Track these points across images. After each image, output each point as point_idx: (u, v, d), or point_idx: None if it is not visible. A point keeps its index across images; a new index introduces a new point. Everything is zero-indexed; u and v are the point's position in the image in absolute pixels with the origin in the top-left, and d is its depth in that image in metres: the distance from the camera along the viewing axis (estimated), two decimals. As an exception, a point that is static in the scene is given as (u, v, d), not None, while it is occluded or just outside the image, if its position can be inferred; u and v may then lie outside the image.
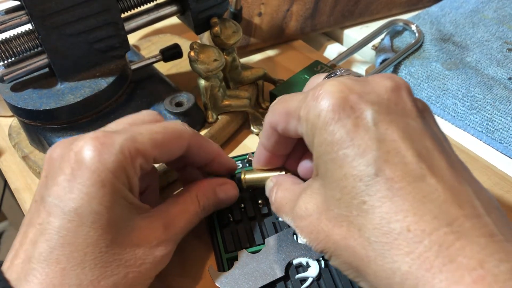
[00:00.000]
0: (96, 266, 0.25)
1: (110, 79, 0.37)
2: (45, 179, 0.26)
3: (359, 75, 0.28)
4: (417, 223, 0.21)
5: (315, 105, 0.24)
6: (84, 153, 0.25)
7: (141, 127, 0.28)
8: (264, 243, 0.32)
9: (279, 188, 0.30)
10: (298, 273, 0.31)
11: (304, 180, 0.31)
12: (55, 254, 0.24)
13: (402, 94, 0.24)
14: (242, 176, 0.34)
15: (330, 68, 0.45)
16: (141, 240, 0.27)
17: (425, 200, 0.21)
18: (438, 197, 0.21)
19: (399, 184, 0.21)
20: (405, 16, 0.55)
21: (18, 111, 0.36)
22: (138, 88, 0.41)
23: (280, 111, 0.27)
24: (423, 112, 0.25)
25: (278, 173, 0.33)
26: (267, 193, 0.32)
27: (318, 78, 0.30)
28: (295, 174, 0.32)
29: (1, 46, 0.34)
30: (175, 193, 0.32)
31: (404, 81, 0.25)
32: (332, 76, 0.28)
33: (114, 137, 0.26)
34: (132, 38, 0.54)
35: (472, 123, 0.43)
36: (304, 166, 0.31)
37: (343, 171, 0.23)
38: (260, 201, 0.35)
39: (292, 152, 0.32)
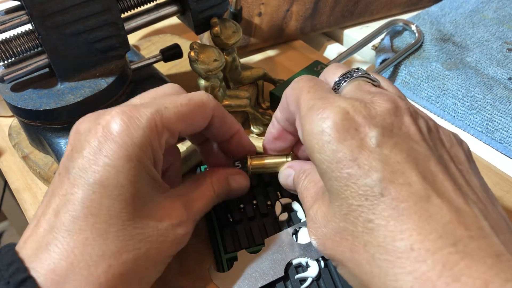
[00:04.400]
0: (118, 238, 0.25)
1: (110, 79, 0.37)
2: (70, 152, 0.26)
3: (374, 79, 0.28)
4: (421, 242, 0.21)
5: (318, 121, 0.24)
6: (112, 127, 0.25)
7: (166, 100, 0.28)
8: (263, 243, 0.32)
9: (308, 177, 0.30)
10: (297, 273, 0.31)
11: None
12: (77, 225, 0.24)
13: (404, 118, 0.24)
14: (248, 162, 0.34)
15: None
16: (164, 217, 0.27)
17: (430, 220, 0.21)
18: (443, 217, 0.21)
19: (405, 204, 0.22)
20: (405, 16, 0.55)
21: (18, 111, 0.36)
22: (138, 88, 0.41)
23: (294, 96, 0.28)
24: (430, 133, 0.25)
25: (285, 159, 0.33)
26: (283, 178, 0.33)
27: (335, 72, 0.29)
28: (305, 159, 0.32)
29: (1, 46, 0.34)
30: (191, 177, 0.32)
31: (405, 104, 0.25)
32: (348, 78, 0.28)
33: (141, 111, 0.26)
34: (132, 38, 0.54)
35: (472, 123, 0.43)
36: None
37: (349, 190, 0.23)
38: (255, 201, 0.35)
39: None
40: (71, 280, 0.23)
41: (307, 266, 0.31)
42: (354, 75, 0.28)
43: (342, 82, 0.28)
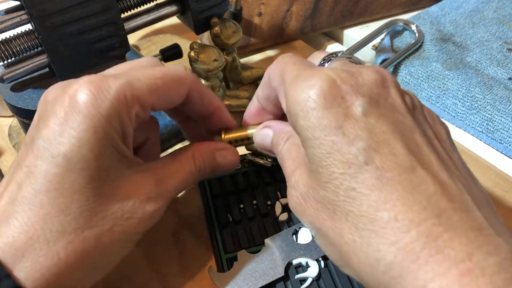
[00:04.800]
0: (81, 215, 0.24)
1: (110, 79, 0.37)
2: (37, 122, 0.25)
3: (358, 61, 0.28)
4: (405, 213, 0.20)
5: (304, 89, 0.24)
6: (78, 97, 0.24)
7: (139, 72, 0.27)
8: (263, 244, 0.32)
9: (290, 139, 0.29)
10: (297, 273, 0.31)
11: None
12: (39, 198, 0.23)
13: (391, 90, 0.24)
14: (222, 135, 0.33)
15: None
16: (130, 193, 0.26)
17: (415, 191, 0.21)
18: (427, 189, 0.21)
19: (389, 173, 0.21)
20: (405, 16, 0.55)
21: (18, 111, 0.36)
22: (138, 88, 0.41)
23: (278, 72, 0.28)
24: (414, 109, 0.25)
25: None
26: (259, 138, 0.31)
27: (318, 56, 0.29)
28: None
29: (1, 46, 0.34)
30: (171, 151, 0.31)
31: (391, 76, 0.25)
32: (332, 58, 0.28)
33: (110, 82, 0.25)
34: (132, 38, 0.54)
35: (472, 123, 0.43)
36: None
37: (331, 158, 0.23)
38: (255, 201, 0.35)
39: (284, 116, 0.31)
40: (29, 255, 0.23)
41: (307, 266, 0.31)
42: (339, 54, 0.28)
43: (326, 62, 0.28)
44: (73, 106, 0.24)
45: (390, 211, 0.21)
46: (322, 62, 0.28)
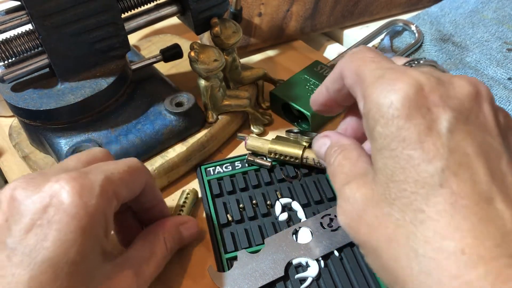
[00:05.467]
0: None
1: (111, 79, 0.37)
2: (6, 223, 0.23)
3: (443, 70, 0.25)
4: (475, 247, 0.19)
5: (388, 93, 0.22)
6: (62, 197, 0.23)
7: (109, 166, 0.27)
8: (263, 243, 0.32)
9: (343, 153, 0.26)
10: (297, 273, 0.31)
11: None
12: None
13: (484, 106, 0.22)
14: (267, 152, 0.38)
15: (330, 69, 0.45)
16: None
17: (489, 225, 0.19)
18: (504, 225, 0.19)
19: (465, 201, 0.20)
20: (405, 17, 0.55)
21: (18, 111, 0.37)
22: (138, 88, 0.41)
23: (353, 69, 0.25)
24: (507, 130, 0.23)
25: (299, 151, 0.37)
26: (317, 146, 0.29)
27: (398, 61, 0.27)
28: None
29: (2, 46, 0.34)
30: (141, 233, 0.31)
31: (486, 90, 0.23)
32: (414, 64, 0.25)
33: (91, 178, 0.24)
34: (133, 38, 0.54)
35: (472, 123, 0.43)
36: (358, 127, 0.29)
37: (405, 174, 0.21)
38: (254, 201, 0.35)
39: (353, 106, 0.29)
40: None
41: (307, 266, 0.31)
42: (422, 62, 0.25)
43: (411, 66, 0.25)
44: (57, 207, 0.23)
45: (458, 241, 0.19)
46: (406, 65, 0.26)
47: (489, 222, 0.19)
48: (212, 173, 0.38)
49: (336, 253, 0.32)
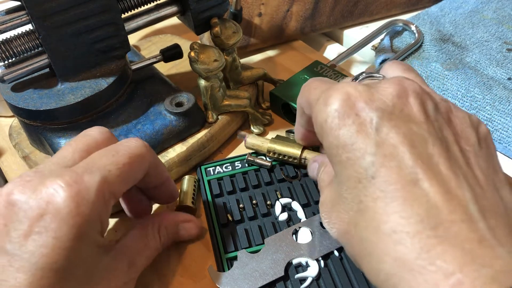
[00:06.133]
0: None
1: (111, 79, 0.37)
2: (5, 228, 0.23)
3: (379, 77, 0.28)
4: (403, 225, 0.21)
5: (323, 110, 0.25)
6: (58, 204, 0.23)
7: (107, 162, 0.26)
8: (263, 243, 0.32)
9: (324, 169, 0.31)
10: (297, 273, 0.31)
11: None
12: None
13: (409, 100, 0.24)
14: (266, 151, 0.38)
15: (330, 69, 0.45)
16: (110, 284, 0.26)
17: (414, 204, 0.21)
18: (428, 201, 0.21)
19: (392, 186, 0.22)
20: (405, 17, 0.55)
21: (18, 111, 0.37)
22: (138, 88, 0.41)
23: (304, 98, 0.30)
24: (436, 114, 0.25)
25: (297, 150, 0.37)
26: (311, 172, 0.35)
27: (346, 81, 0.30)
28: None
29: (2, 46, 0.34)
30: (138, 222, 0.31)
31: (413, 85, 0.25)
32: (357, 79, 0.29)
33: (86, 182, 0.24)
34: (133, 39, 0.54)
35: (472, 123, 0.43)
36: None
37: (347, 173, 0.24)
38: (254, 201, 0.35)
39: None
40: None
41: (307, 266, 0.31)
42: (360, 78, 0.28)
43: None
44: (53, 215, 0.23)
45: (391, 223, 0.22)
46: None
47: (414, 202, 0.21)
48: (212, 173, 0.38)
49: (336, 253, 0.32)
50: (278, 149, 0.37)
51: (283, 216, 0.34)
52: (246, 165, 0.38)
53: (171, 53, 0.42)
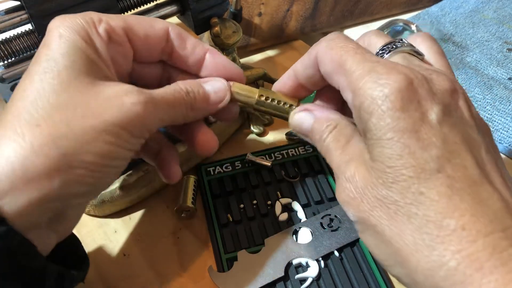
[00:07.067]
0: (52, 103, 0.24)
1: (110, 79, 0.37)
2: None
3: (420, 52, 0.27)
4: (473, 223, 0.21)
5: (382, 85, 0.23)
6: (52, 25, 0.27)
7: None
8: (263, 243, 0.32)
9: (337, 129, 0.27)
10: (297, 273, 0.31)
11: None
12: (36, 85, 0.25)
13: (460, 101, 0.24)
14: (257, 95, 0.30)
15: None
16: (107, 88, 0.26)
17: (483, 204, 0.21)
18: (494, 204, 0.21)
19: (460, 184, 0.22)
20: (405, 16, 0.55)
21: (18, 111, 0.36)
22: (138, 88, 0.41)
23: (334, 58, 0.26)
24: (480, 126, 0.25)
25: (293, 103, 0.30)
26: (297, 121, 0.29)
27: (376, 40, 0.28)
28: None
29: (1, 46, 0.34)
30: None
31: (461, 87, 0.25)
32: (392, 48, 0.27)
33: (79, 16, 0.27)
34: (132, 38, 0.54)
35: (472, 123, 0.43)
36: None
37: (402, 160, 0.23)
38: (255, 201, 0.35)
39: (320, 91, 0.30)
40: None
41: (307, 266, 0.31)
42: (399, 45, 0.27)
43: (386, 52, 0.27)
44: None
45: (458, 219, 0.21)
46: (381, 51, 0.27)
47: (481, 202, 0.21)
48: (212, 173, 0.38)
49: (336, 253, 0.32)
50: (271, 94, 0.31)
51: (283, 216, 0.34)
52: (246, 165, 0.38)
53: (171, 53, 0.42)
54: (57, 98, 0.24)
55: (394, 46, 0.27)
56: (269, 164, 0.38)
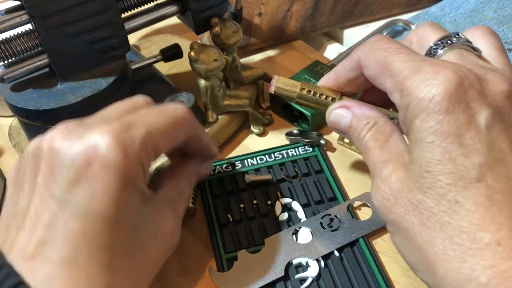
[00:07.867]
0: (121, 267, 0.24)
1: (111, 79, 0.37)
2: (52, 175, 0.23)
3: (477, 49, 0.26)
4: (510, 239, 0.20)
5: (430, 86, 0.22)
6: (105, 152, 0.23)
7: (152, 117, 0.26)
8: (263, 243, 0.32)
9: (376, 126, 0.27)
10: (297, 273, 0.31)
11: None
12: (81, 258, 0.22)
13: None
14: (299, 88, 0.31)
15: (330, 69, 0.45)
16: (158, 230, 0.27)
17: None
18: None
19: (500, 196, 0.21)
20: (405, 16, 0.55)
21: (18, 111, 0.37)
22: (138, 88, 0.41)
23: (378, 60, 0.25)
24: None
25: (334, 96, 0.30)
26: (334, 118, 0.29)
27: (430, 34, 0.26)
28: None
29: (1, 46, 0.34)
30: (167, 173, 0.31)
31: None
32: (447, 44, 0.25)
33: (132, 133, 0.24)
34: (133, 38, 0.54)
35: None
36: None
37: (441, 166, 0.22)
38: (255, 201, 0.35)
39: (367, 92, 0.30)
40: None
41: (307, 266, 0.31)
42: (454, 41, 0.25)
43: (440, 48, 0.25)
44: (101, 162, 0.23)
45: (494, 233, 0.20)
46: (434, 46, 0.26)
47: None
48: (212, 173, 0.38)
49: (336, 253, 0.32)
50: (313, 88, 0.31)
51: (283, 216, 0.34)
52: (246, 165, 0.38)
53: (171, 53, 0.42)
54: (126, 263, 0.25)
55: (449, 42, 0.25)
56: (270, 177, 0.37)
